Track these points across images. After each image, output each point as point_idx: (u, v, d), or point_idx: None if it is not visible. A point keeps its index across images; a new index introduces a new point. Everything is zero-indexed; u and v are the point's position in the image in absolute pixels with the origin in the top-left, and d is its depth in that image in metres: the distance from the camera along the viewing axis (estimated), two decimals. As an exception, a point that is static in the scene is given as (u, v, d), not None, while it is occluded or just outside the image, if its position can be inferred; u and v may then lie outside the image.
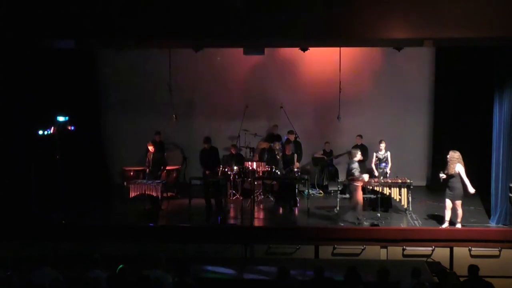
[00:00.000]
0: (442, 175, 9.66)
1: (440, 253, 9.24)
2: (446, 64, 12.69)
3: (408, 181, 10.60)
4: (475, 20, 8.67)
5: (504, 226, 9.74)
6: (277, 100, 13.26)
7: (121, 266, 6.71)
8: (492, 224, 9.96)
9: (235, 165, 11.80)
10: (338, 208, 10.85)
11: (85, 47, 12.11)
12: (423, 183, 13.20)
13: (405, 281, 7.00)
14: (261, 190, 12.18)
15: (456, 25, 8.72)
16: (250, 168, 11.92)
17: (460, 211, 9.60)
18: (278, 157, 11.67)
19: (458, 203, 9.57)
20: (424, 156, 13.18)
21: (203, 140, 11.23)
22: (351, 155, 10.57)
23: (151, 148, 11.41)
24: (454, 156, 9.53)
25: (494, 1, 8.73)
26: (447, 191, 9.66)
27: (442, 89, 12.93)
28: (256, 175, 11.78)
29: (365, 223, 10.05)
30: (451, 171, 9.51)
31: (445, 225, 9.68)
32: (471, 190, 9.50)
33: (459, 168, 9.48)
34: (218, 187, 11.27)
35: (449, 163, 9.55)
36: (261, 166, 11.95)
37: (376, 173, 11.08)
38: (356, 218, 10.12)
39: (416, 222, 10.20)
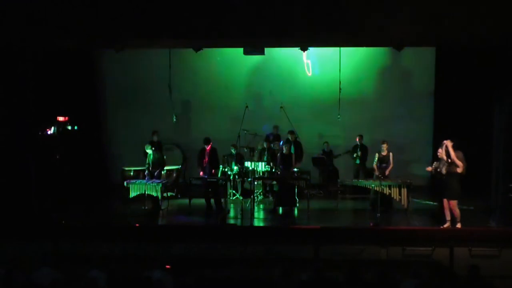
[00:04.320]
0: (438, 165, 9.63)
1: (440, 253, 9.22)
2: (446, 64, 12.68)
3: (408, 181, 10.60)
4: (476, 20, 8.66)
5: (504, 226, 9.73)
6: (277, 100, 13.27)
7: None
8: (492, 224, 9.95)
9: (235, 165, 11.81)
10: (338, 208, 10.83)
11: (85, 47, 12.11)
12: (423, 183, 13.18)
13: (405, 281, 6.99)
14: (261, 190, 12.18)
15: (457, 25, 8.71)
16: (250, 168, 11.91)
17: (457, 211, 9.56)
18: (277, 157, 11.67)
19: (454, 203, 9.51)
20: (424, 156, 13.16)
21: (203, 141, 11.24)
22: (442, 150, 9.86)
23: (149, 148, 11.40)
24: (459, 157, 9.51)
25: (494, 1, 8.72)
26: (444, 190, 9.64)
27: (443, 89, 12.93)
28: (256, 175, 11.78)
29: None
30: (453, 170, 9.49)
31: (446, 225, 9.67)
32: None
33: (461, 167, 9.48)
34: (218, 187, 11.28)
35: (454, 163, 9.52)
36: (261, 166, 11.95)
37: (377, 173, 11.07)
38: None
39: (416, 222, 10.19)
